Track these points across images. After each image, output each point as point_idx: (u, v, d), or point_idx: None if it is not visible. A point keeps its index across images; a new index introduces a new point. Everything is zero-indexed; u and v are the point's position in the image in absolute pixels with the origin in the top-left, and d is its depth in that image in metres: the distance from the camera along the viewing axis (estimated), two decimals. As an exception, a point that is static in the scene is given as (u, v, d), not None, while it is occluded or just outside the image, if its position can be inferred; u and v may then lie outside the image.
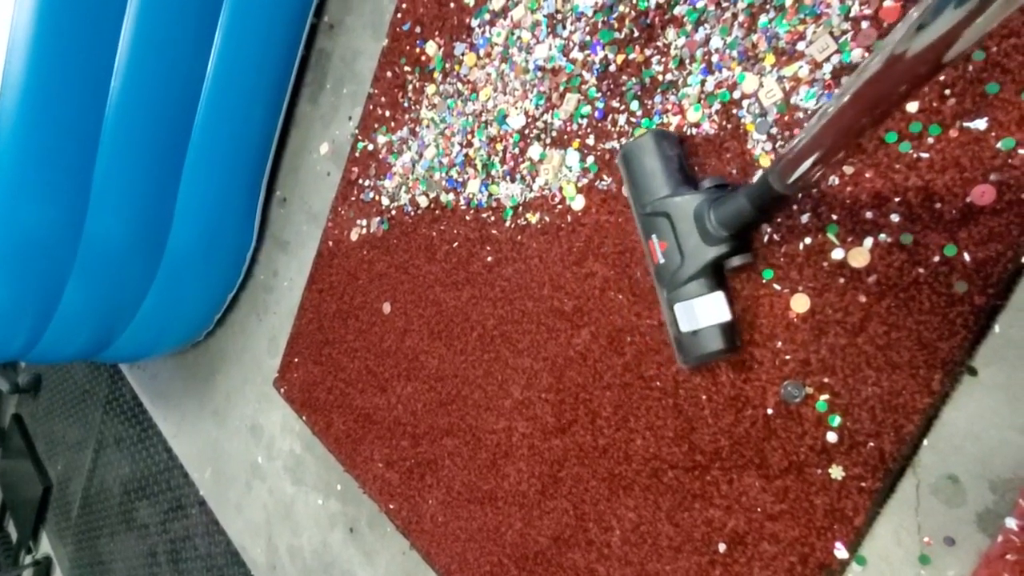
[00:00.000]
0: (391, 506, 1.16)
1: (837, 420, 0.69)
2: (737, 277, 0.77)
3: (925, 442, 0.65)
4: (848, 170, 0.69)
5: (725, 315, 0.73)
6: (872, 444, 0.67)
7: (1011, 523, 0.59)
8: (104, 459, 2.22)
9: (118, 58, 1.17)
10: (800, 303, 0.72)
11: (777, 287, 0.74)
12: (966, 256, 0.62)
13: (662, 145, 0.79)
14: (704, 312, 0.74)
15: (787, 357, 0.73)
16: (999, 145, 0.61)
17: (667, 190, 0.77)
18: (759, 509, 0.75)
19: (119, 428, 2.15)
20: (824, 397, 0.70)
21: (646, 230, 0.80)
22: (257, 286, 1.54)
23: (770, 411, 0.74)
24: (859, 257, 0.68)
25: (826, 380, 0.70)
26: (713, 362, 0.78)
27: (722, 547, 0.77)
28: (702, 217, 0.72)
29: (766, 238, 0.75)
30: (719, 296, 0.74)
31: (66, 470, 2.48)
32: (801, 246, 0.72)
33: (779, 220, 0.74)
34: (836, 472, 0.69)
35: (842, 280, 0.69)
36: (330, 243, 1.32)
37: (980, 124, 0.62)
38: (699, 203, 0.73)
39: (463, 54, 1.08)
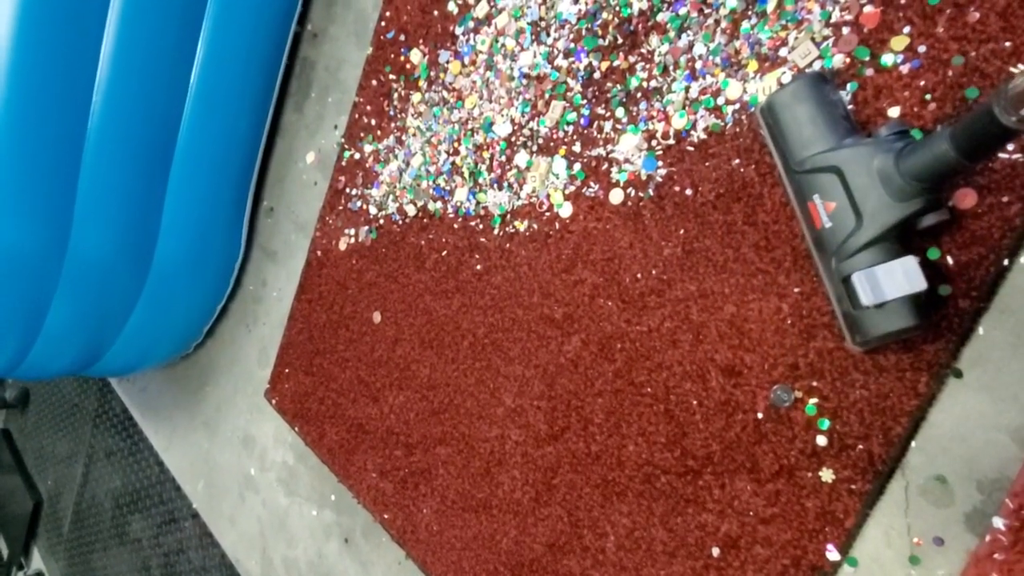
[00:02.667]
0: (386, 516, 1.16)
1: (826, 423, 0.70)
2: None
3: (913, 444, 0.66)
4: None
5: (920, 283, 0.60)
6: (861, 447, 0.68)
7: (998, 522, 0.59)
8: (95, 473, 2.20)
9: (99, 71, 1.16)
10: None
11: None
12: (949, 259, 0.63)
13: (822, 90, 0.68)
14: (893, 281, 0.61)
15: (776, 361, 0.73)
16: (979, 149, 0.61)
17: (833, 141, 0.66)
18: (751, 513, 0.75)
19: (109, 441, 2.13)
20: (813, 401, 0.71)
21: (804, 191, 0.68)
22: (246, 297, 1.54)
23: (760, 415, 0.75)
24: (845, 261, 0.68)
25: (815, 384, 0.71)
26: (885, 345, 0.67)
27: (716, 551, 0.78)
28: (887, 169, 0.61)
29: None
30: (911, 261, 0.61)
31: (56, 485, 2.46)
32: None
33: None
34: (826, 475, 0.70)
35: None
36: (318, 253, 1.31)
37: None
38: (881, 153, 0.61)
39: (448, 62, 1.08)
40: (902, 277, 0.61)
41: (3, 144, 1.12)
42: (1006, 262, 0.61)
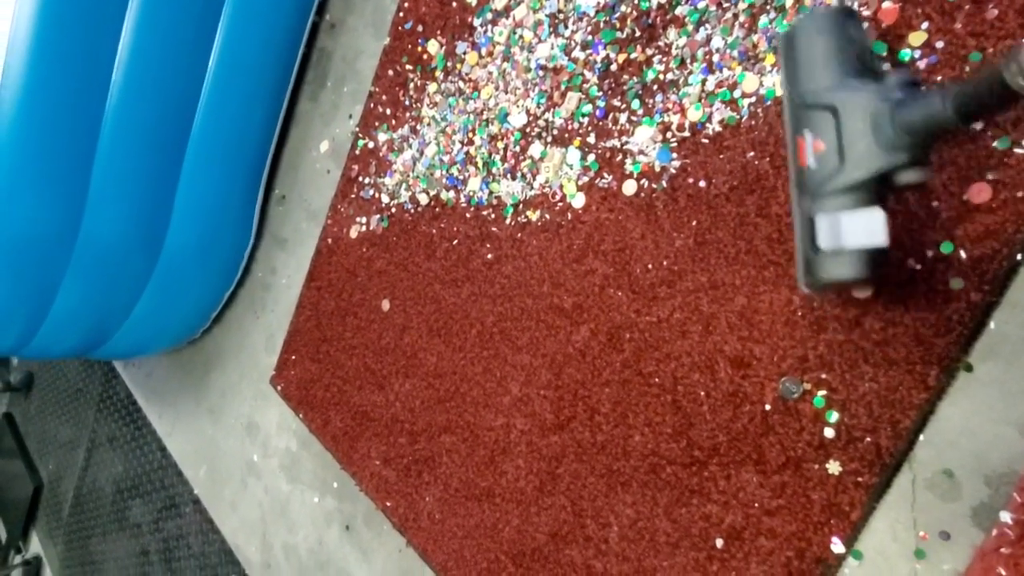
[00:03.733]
0: (388, 503, 1.16)
1: (834, 416, 0.70)
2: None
3: (921, 437, 0.66)
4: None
5: (880, 238, 0.59)
6: (869, 439, 0.68)
7: (1005, 517, 0.59)
8: (97, 458, 2.21)
9: (119, 55, 1.17)
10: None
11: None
12: (962, 253, 0.63)
13: (846, 25, 0.65)
14: (854, 230, 0.61)
15: (785, 353, 0.74)
16: (996, 144, 0.62)
17: (838, 80, 0.64)
18: (756, 504, 0.75)
19: (112, 427, 2.14)
20: (822, 393, 0.71)
21: (799, 124, 0.66)
22: (255, 284, 1.54)
23: (768, 407, 0.75)
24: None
25: (824, 376, 0.71)
26: (840, 290, 0.69)
27: (720, 542, 0.78)
28: (882, 117, 0.59)
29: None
30: (877, 214, 0.60)
31: (58, 469, 2.47)
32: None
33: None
34: (833, 467, 0.70)
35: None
36: (329, 240, 1.32)
37: (977, 124, 0.63)
38: (881, 100, 0.60)
39: (465, 53, 1.08)
40: (864, 228, 0.60)
41: (20, 125, 1.13)
42: (1019, 257, 0.61)
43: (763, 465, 0.75)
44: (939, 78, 0.66)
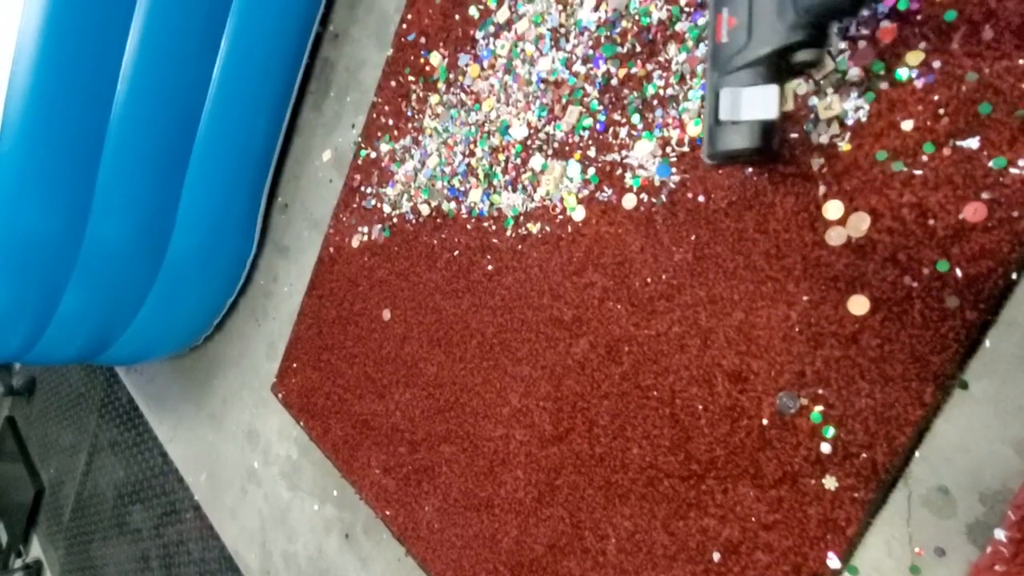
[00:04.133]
0: (387, 512, 1.17)
1: (831, 431, 0.70)
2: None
3: (917, 454, 0.67)
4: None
5: (772, 112, 0.66)
6: (865, 455, 0.68)
7: (1000, 534, 0.60)
8: (98, 463, 2.22)
9: (124, 64, 1.18)
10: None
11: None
12: (958, 272, 0.64)
13: None
14: (751, 103, 0.66)
15: (782, 368, 0.74)
16: (991, 164, 0.62)
17: None
18: (753, 519, 0.75)
19: (114, 432, 2.15)
20: (818, 408, 0.71)
21: (719, 2, 0.70)
22: (257, 291, 1.55)
23: (765, 422, 0.75)
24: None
25: (820, 391, 0.71)
26: (737, 166, 0.75)
27: (716, 556, 0.78)
28: None
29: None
30: (772, 89, 0.66)
31: (59, 473, 2.47)
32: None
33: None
34: (829, 482, 0.70)
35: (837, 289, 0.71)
36: (331, 249, 1.33)
37: (973, 143, 0.63)
38: None
39: (467, 65, 1.09)
40: (760, 102, 0.65)
41: (27, 131, 1.14)
42: (1014, 276, 0.61)
43: (760, 479, 0.75)
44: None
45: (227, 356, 1.63)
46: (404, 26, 1.20)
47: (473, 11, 1.09)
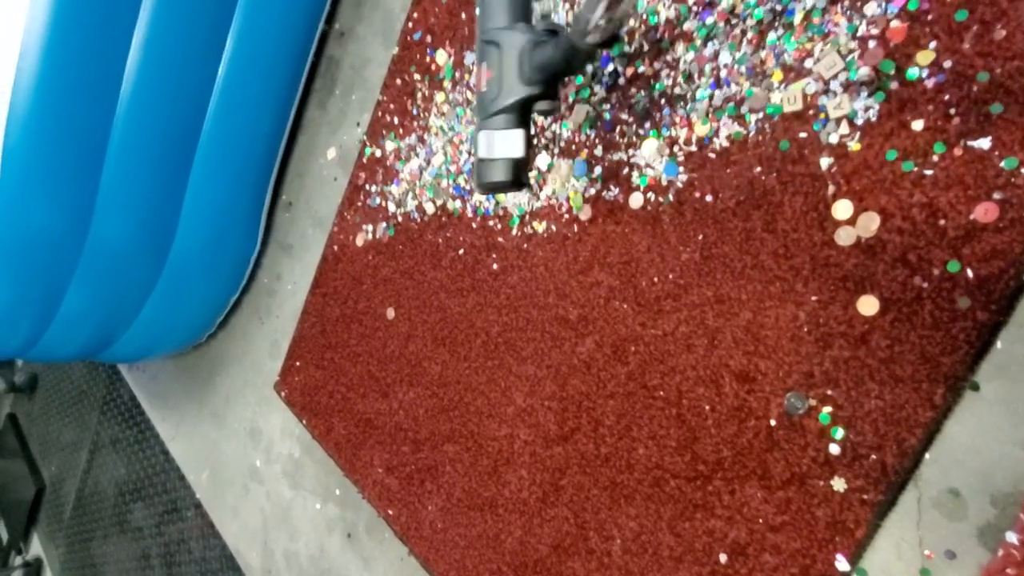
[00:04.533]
0: (390, 512, 1.16)
1: (840, 432, 0.70)
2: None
3: (927, 455, 0.66)
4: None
5: (518, 152, 0.77)
6: (874, 457, 0.68)
7: (1012, 537, 0.59)
8: (99, 460, 2.22)
9: (129, 62, 1.18)
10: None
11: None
12: (969, 272, 0.63)
13: None
14: (501, 144, 0.77)
15: (790, 368, 0.74)
16: (1002, 164, 0.62)
17: (505, 21, 0.79)
18: (761, 520, 0.75)
19: (116, 429, 2.14)
20: (827, 409, 0.71)
21: (480, 56, 0.80)
22: (260, 289, 1.55)
23: (773, 422, 0.75)
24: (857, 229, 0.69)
25: (829, 392, 0.71)
26: (499, 193, 0.90)
27: (723, 558, 0.78)
28: (524, 56, 0.76)
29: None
30: (518, 133, 0.77)
31: (60, 471, 2.47)
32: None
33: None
34: (838, 484, 0.70)
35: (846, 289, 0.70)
36: (335, 248, 1.33)
37: (984, 143, 0.63)
38: (526, 41, 0.76)
39: (473, 64, 1.09)
40: (509, 143, 0.76)
41: (32, 128, 1.14)
42: (1026, 277, 0.61)
43: (768, 481, 0.75)
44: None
45: (230, 354, 1.63)
46: (410, 24, 1.20)
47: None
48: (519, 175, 0.79)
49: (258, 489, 1.49)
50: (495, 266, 1.03)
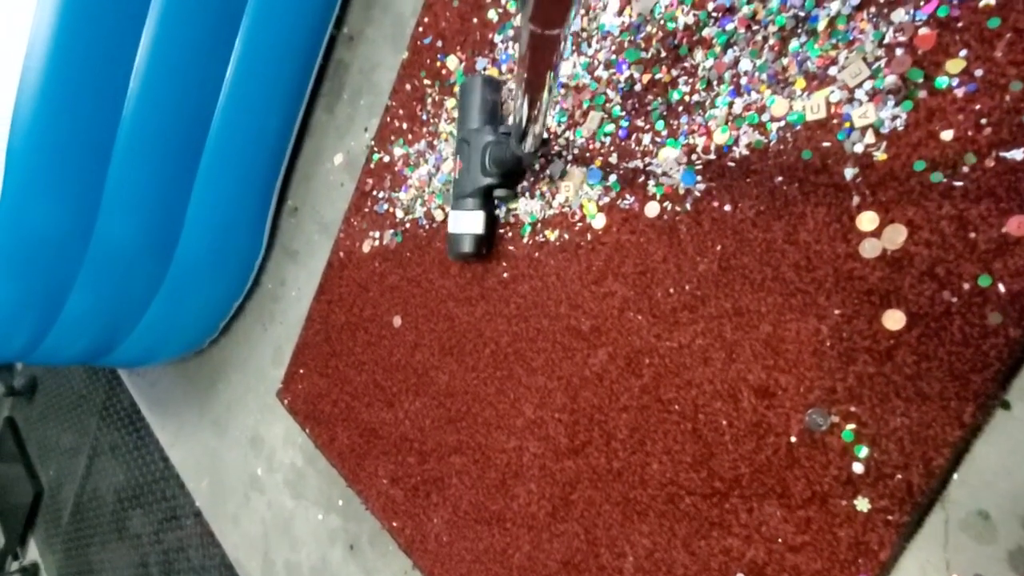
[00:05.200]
0: (394, 524, 1.14)
1: (864, 451, 0.68)
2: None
3: (955, 476, 0.64)
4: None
5: (479, 229, 0.98)
6: (900, 476, 0.66)
7: (1045, 563, 0.57)
8: (98, 466, 2.19)
9: (137, 62, 1.17)
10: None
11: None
12: (1001, 287, 0.61)
13: (485, 89, 0.98)
14: (466, 222, 0.97)
15: (812, 384, 0.72)
16: (1037, 176, 0.60)
17: (476, 124, 0.97)
18: (780, 540, 0.73)
19: (115, 435, 2.12)
20: (850, 426, 0.69)
21: (456, 150, 1.00)
22: (264, 295, 1.53)
23: (793, 439, 0.73)
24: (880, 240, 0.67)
25: (853, 409, 0.69)
26: (469, 262, 1.05)
27: (740, 578, 0.75)
28: (485, 152, 0.94)
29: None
30: (479, 215, 0.97)
31: (58, 476, 2.45)
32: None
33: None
34: (862, 504, 0.68)
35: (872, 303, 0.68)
36: (341, 254, 1.31)
37: (1017, 154, 0.61)
38: (487, 141, 0.94)
39: (485, 69, 1.07)
40: (470, 222, 0.98)
41: (37, 128, 1.12)
42: (1061, 293, 0.59)
43: (787, 499, 0.73)
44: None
45: (232, 361, 1.61)
46: (420, 29, 1.19)
47: (492, 14, 1.07)
48: (480, 248, 0.99)
49: (259, 498, 1.47)
50: (505, 275, 1.01)
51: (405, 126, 1.20)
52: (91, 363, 1.65)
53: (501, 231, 1.03)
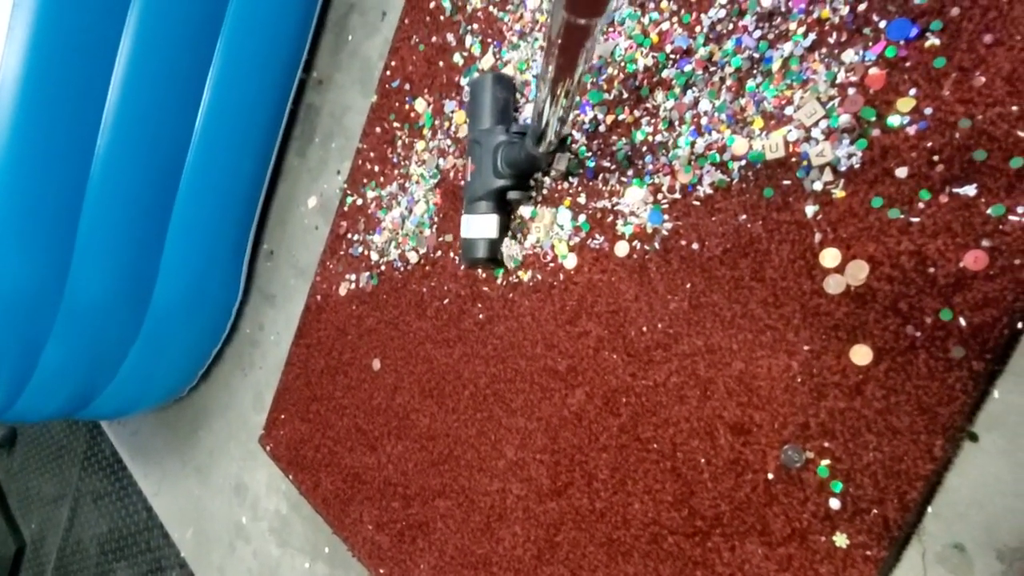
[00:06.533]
0: (381, 570, 1.13)
1: (839, 486, 0.68)
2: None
3: (929, 509, 0.64)
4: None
5: (492, 233, 0.93)
6: (876, 511, 0.66)
7: (1022, 595, 0.58)
8: (81, 517, 2.15)
9: (105, 115, 1.16)
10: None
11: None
12: (962, 321, 0.62)
13: (495, 87, 0.95)
14: (479, 227, 0.93)
15: (786, 420, 0.72)
16: (989, 211, 0.61)
17: (487, 124, 0.93)
18: (763, 577, 0.73)
19: (97, 485, 2.08)
20: (825, 462, 0.69)
21: (467, 152, 0.96)
22: (243, 340, 1.52)
23: (771, 476, 0.73)
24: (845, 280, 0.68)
25: (826, 444, 0.69)
26: (481, 269, 1.01)
27: (726, 617, 0.75)
28: (497, 153, 0.89)
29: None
30: (492, 218, 0.92)
31: (41, 528, 2.40)
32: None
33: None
34: (840, 540, 0.68)
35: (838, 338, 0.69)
36: (318, 297, 1.30)
37: (970, 190, 0.62)
38: (499, 142, 0.89)
39: (453, 112, 1.08)
40: (483, 226, 0.93)
41: (5, 182, 1.11)
42: (1020, 325, 0.60)
43: (768, 536, 0.73)
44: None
45: (213, 407, 1.59)
46: (388, 72, 1.20)
47: (457, 58, 1.08)
48: (494, 252, 0.94)
49: (244, 547, 1.44)
50: (481, 316, 1.01)
51: (376, 168, 1.21)
52: (69, 417, 1.63)
53: (475, 272, 1.03)
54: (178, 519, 1.69)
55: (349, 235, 1.25)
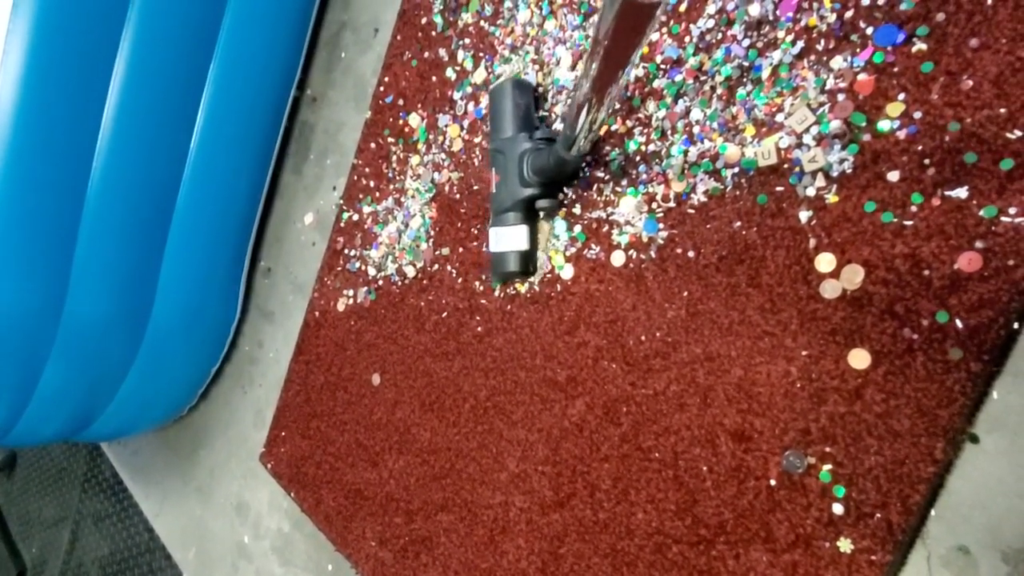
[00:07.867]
0: (385, 587, 1.12)
1: (842, 491, 0.68)
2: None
3: (933, 512, 0.64)
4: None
5: (523, 245, 0.89)
6: (879, 515, 0.66)
7: (1027, 596, 0.57)
8: (82, 540, 2.13)
9: (101, 135, 1.17)
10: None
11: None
12: (958, 323, 0.63)
13: (515, 93, 0.92)
14: (508, 239, 0.89)
15: (786, 426, 0.72)
16: (982, 213, 0.61)
17: (510, 132, 0.89)
18: (768, 585, 0.72)
19: (98, 506, 2.07)
20: (827, 467, 0.69)
21: (491, 162, 0.92)
22: (242, 358, 1.52)
23: (773, 482, 0.73)
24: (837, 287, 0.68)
25: (828, 449, 0.69)
26: (513, 281, 0.96)
27: (732, 626, 0.75)
28: (523, 161, 0.86)
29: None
30: (522, 229, 0.89)
31: (42, 552, 2.38)
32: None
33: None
34: (845, 545, 0.68)
35: (835, 344, 0.69)
36: (316, 313, 1.30)
37: (961, 192, 0.63)
38: (524, 149, 0.86)
39: (447, 126, 1.09)
40: (513, 238, 0.89)
41: (1, 205, 1.12)
42: (1016, 325, 0.60)
43: (772, 543, 0.72)
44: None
45: (213, 426, 1.59)
46: (381, 88, 1.20)
47: (450, 72, 1.09)
48: (526, 264, 0.90)
49: (247, 567, 1.44)
50: (479, 328, 1.01)
51: (372, 184, 1.21)
52: (69, 440, 1.63)
53: (473, 285, 1.03)
54: (180, 540, 1.68)
55: (346, 251, 1.25)
